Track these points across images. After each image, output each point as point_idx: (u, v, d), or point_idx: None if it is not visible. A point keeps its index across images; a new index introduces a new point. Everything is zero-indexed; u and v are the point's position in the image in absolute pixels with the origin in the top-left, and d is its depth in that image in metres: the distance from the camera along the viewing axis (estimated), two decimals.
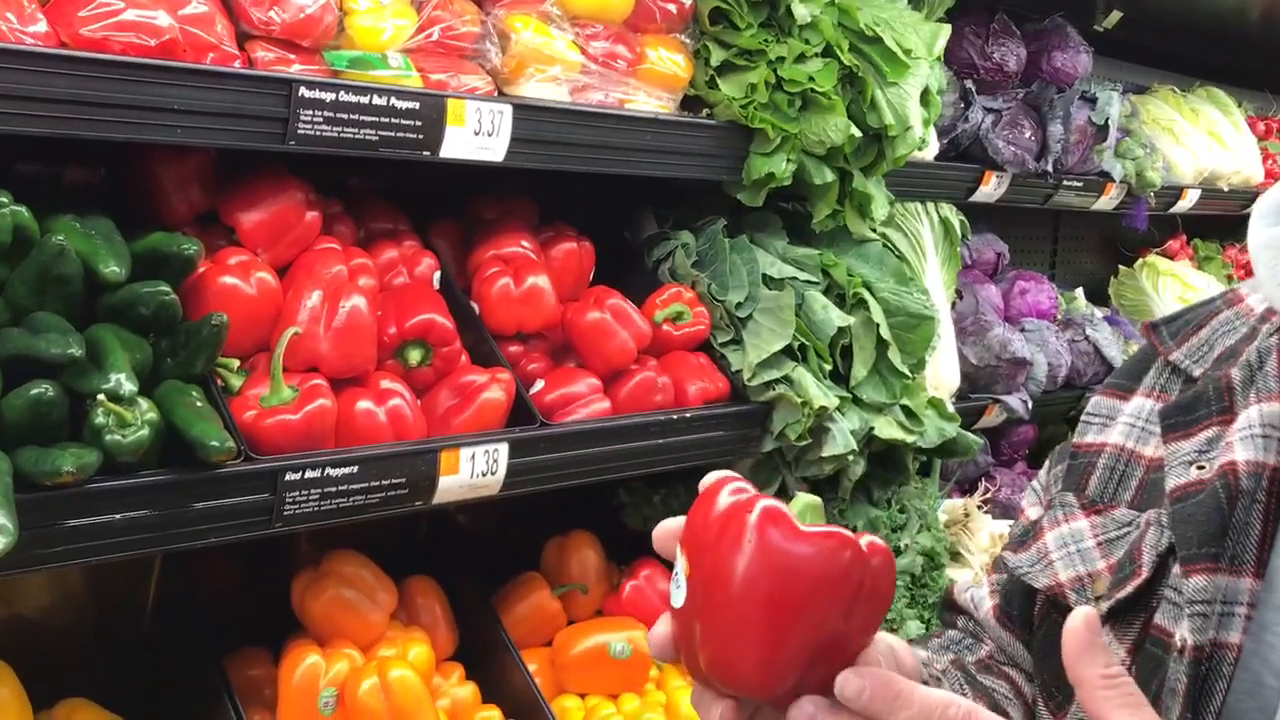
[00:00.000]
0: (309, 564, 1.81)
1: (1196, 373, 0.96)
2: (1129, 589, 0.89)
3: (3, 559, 1.19)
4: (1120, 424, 1.00)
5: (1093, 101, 2.86)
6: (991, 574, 1.09)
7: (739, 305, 2.12)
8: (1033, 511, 1.05)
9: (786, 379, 2.06)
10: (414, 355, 1.67)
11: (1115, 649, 0.89)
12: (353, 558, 1.79)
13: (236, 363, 1.56)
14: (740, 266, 2.18)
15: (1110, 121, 2.89)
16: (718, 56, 2.04)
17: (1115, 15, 3.11)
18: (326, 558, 1.78)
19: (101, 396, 1.31)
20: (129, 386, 1.33)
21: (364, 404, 1.58)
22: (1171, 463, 0.91)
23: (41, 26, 1.37)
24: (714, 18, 2.06)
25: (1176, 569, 0.85)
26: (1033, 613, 1.01)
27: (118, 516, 1.36)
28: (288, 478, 1.49)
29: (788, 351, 2.09)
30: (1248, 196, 3.52)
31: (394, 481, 1.57)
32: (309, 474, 1.50)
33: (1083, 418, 1.04)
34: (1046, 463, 1.08)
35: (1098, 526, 0.96)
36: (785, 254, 2.25)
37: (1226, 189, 3.41)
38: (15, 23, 1.36)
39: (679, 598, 0.73)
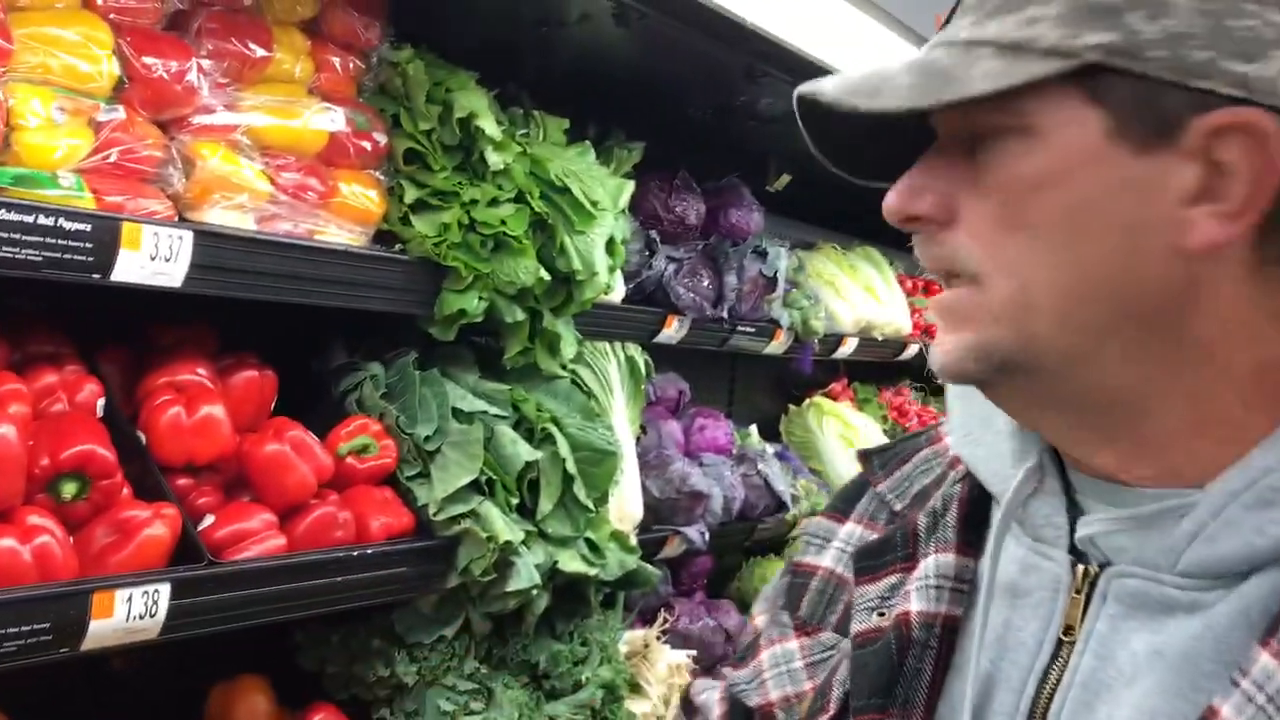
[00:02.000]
0: None
1: (898, 507, 1.00)
2: None
3: None
4: (833, 548, 1.03)
5: (764, 255, 3.11)
6: (724, 701, 1.10)
7: (428, 439, 2.13)
8: (760, 620, 1.08)
9: (474, 513, 2.07)
10: (69, 489, 1.57)
11: None
12: None
13: None
14: (430, 399, 2.19)
15: (779, 274, 3.15)
16: (412, 195, 2.08)
17: (784, 178, 3.41)
18: None
19: None
20: None
21: (5, 542, 1.45)
22: (858, 606, 0.94)
23: None
24: (409, 158, 2.11)
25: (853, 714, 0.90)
26: None
27: None
28: None
29: (475, 486, 2.10)
30: (899, 345, 3.90)
31: (36, 627, 1.45)
32: None
33: (804, 537, 1.08)
34: (776, 577, 1.10)
35: (806, 648, 1.00)
36: (476, 388, 2.29)
37: (880, 338, 3.77)
38: None
39: None
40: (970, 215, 0.80)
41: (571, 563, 2.26)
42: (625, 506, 2.68)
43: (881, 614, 0.92)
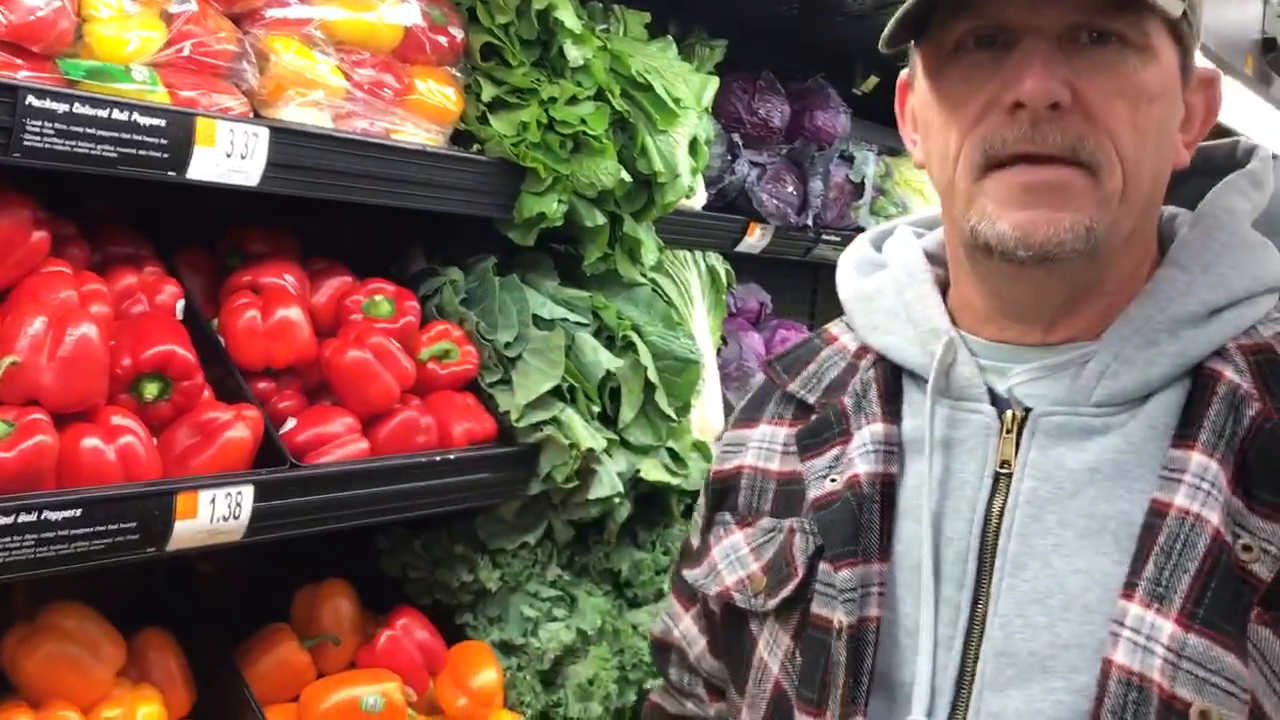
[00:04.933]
0: (23, 618, 1.64)
1: (811, 400, 1.16)
2: (789, 588, 1.07)
3: None
4: (750, 449, 1.20)
5: (850, 160, 2.99)
6: (688, 607, 1.28)
7: (508, 345, 2.09)
8: (695, 539, 1.26)
9: (555, 420, 2.04)
10: (151, 389, 1.55)
11: (780, 638, 1.08)
12: (74, 610, 1.63)
13: None
14: (510, 305, 2.15)
15: (866, 180, 3.04)
16: (489, 93, 2.02)
17: (873, 80, 3.28)
18: (44, 610, 1.62)
19: None
20: None
21: (90, 441, 1.45)
22: (809, 477, 1.11)
23: None
24: (486, 53, 2.04)
25: (825, 566, 1.05)
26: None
27: None
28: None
29: (556, 393, 2.06)
30: None
31: (123, 526, 1.45)
32: (23, 518, 1.36)
33: (720, 450, 1.25)
34: (700, 498, 1.27)
35: (749, 536, 1.15)
36: (556, 295, 2.24)
37: None
38: None
39: None
40: (1104, 112, 0.95)
41: (653, 471, 2.21)
42: (707, 417, 2.62)
43: (833, 480, 1.08)
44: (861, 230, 3.12)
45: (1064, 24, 0.95)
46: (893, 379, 1.11)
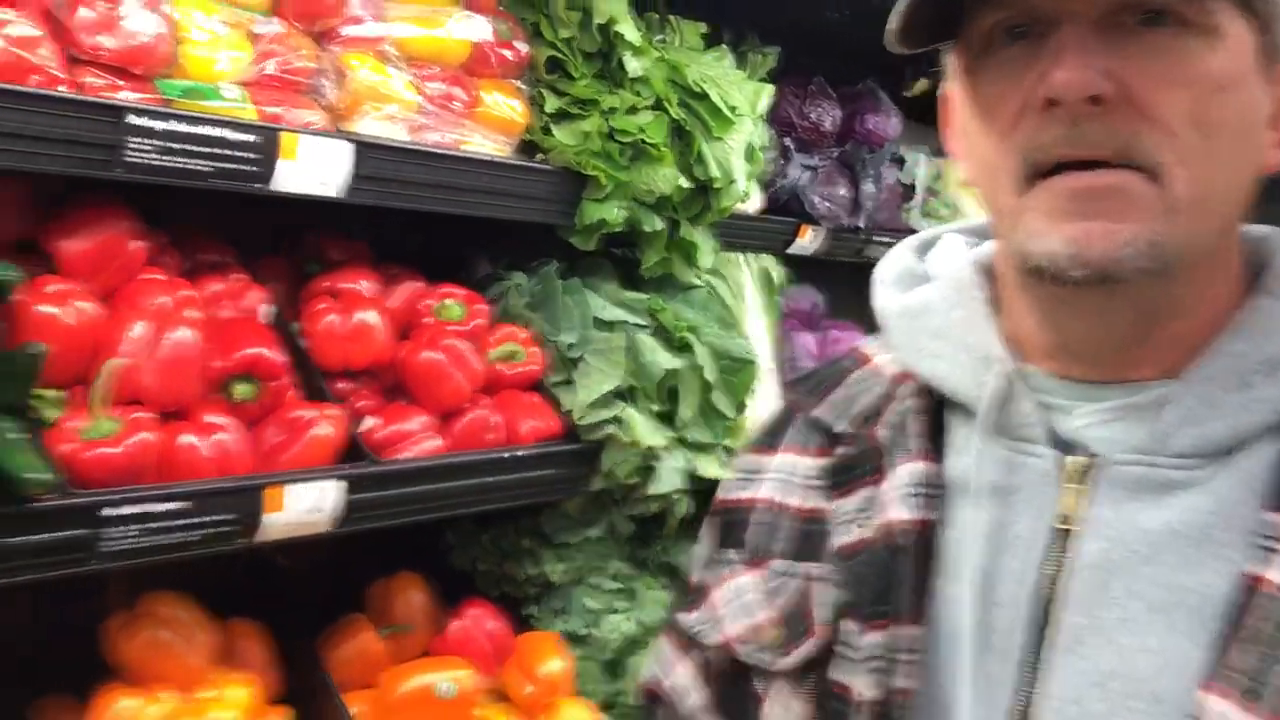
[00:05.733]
0: (123, 606, 1.74)
1: (839, 428, 1.00)
2: (806, 648, 0.93)
3: None
4: (768, 479, 1.03)
5: (901, 162, 3.04)
6: (682, 654, 1.07)
7: (571, 346, 2.17)
8: (695, 574, 1.08)
9: (616, 419, 2.11)
10: (241, 389, 1.65)
11: (792, 703, 0.94)
12: (171, 598, 1.73)
13: (54, 394, 1.50)
14: (573, 308, 2.23)
15: (917, 182, 3.08)
16: (553, 104, 2.10)
17: (923, 82, 3.32)
18: (142, 599, 1.72)
19: None
20: None
21: (188, 438, 1.54)
22: (836, 520, 0.95)
23: None
24: (550, 66, 2.12)
25: (849, 625, 0.90)
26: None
27: None
28: (107, 512, 1.44)
29: (618, 392, 2.14)
30: None
31: (220, 518, 1.54)
32: (130, 509, 1.46)
33: (734, 476, 1.08)
34: (704, 529, 1.09)
35: (759, 580, 0.99)
36: (615, 298, 2.31)
37: None
38: None
39: None
40: (1158, 104, 0.79)
41: (711, 468, 2.28)
42: (762, 416, 2.68)
43: (862, 525, 0.94)
44: (913, 232, 3.18)
45: (1105, 5, 0.80)
46: (936, 411, 0.96)
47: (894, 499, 0.92)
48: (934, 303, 0.98)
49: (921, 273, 1.03)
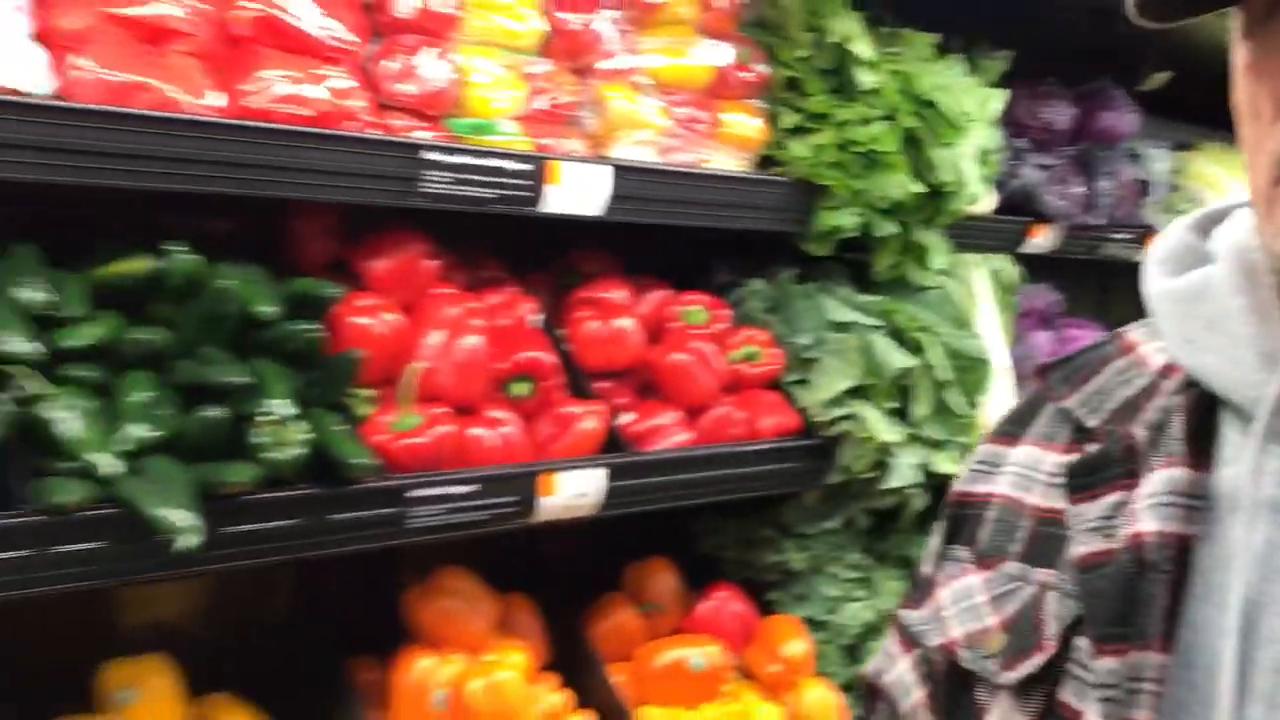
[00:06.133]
0: (414, 580, 1.99)
1: (1091, 423, 0.90)
2: (1035, 661, 0.85)
3: (185, 557, 1.39)
4: (1008, 473, 0.95)
5: (1137, 158, 3.01)
6: (906, 650, 1.00)
7: (807, 347, 2.30)
8: (925, 567, 1.01)
9: (852, 416, 2.23)
10: (520, 388, 1.86)
11: (1013, 718, 0.86)
12: (459, 573, 1.97)
13: (367, 393, 1.76)
14: (808, 312, 2.36)
15: (1155, 177, 3.04)
16: (789, 120, 2.24)
17: (1161, 76, 3.26)
18: (435, 573, 1.96)
19: (264, 418, 1.51)
20: (288, 410, 1.52)
21: (478, 430, 1.77)
22: (1076, 527, 0.86)
23: (211, 99, 1.59)
24: (786, 85, 2.26)
25: (1082, 643, 0.82)
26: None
27: (272, 524, 1.56)
28: (413, 494, 1.68)
29: (853, 390, 2.25)
30: None
31: (504, 499, 1.76)
32: (432, 491, 1.69)
33: (971, 466, 0.99)
34: (938, 520, 1.03)
35: (988, 582, 0.91)
36: (850, 300, 2.42)
37: None
38: (189, 95, 1.57)
39: None
40: None
41: (946, 465, 2.36)
42: (997, 414, 2.73)
43: (1107, 535, 0.83)
44: (1150, 228, 3.14)
45: None
46: (1207, 411, 0.84)
47: (1146, 508, 0.81)
48: (1212, 287, 0.85)
49: (1201, 252, 0.90)
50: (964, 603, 0.92)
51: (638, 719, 2.03)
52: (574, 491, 1.86)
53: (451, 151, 1.74)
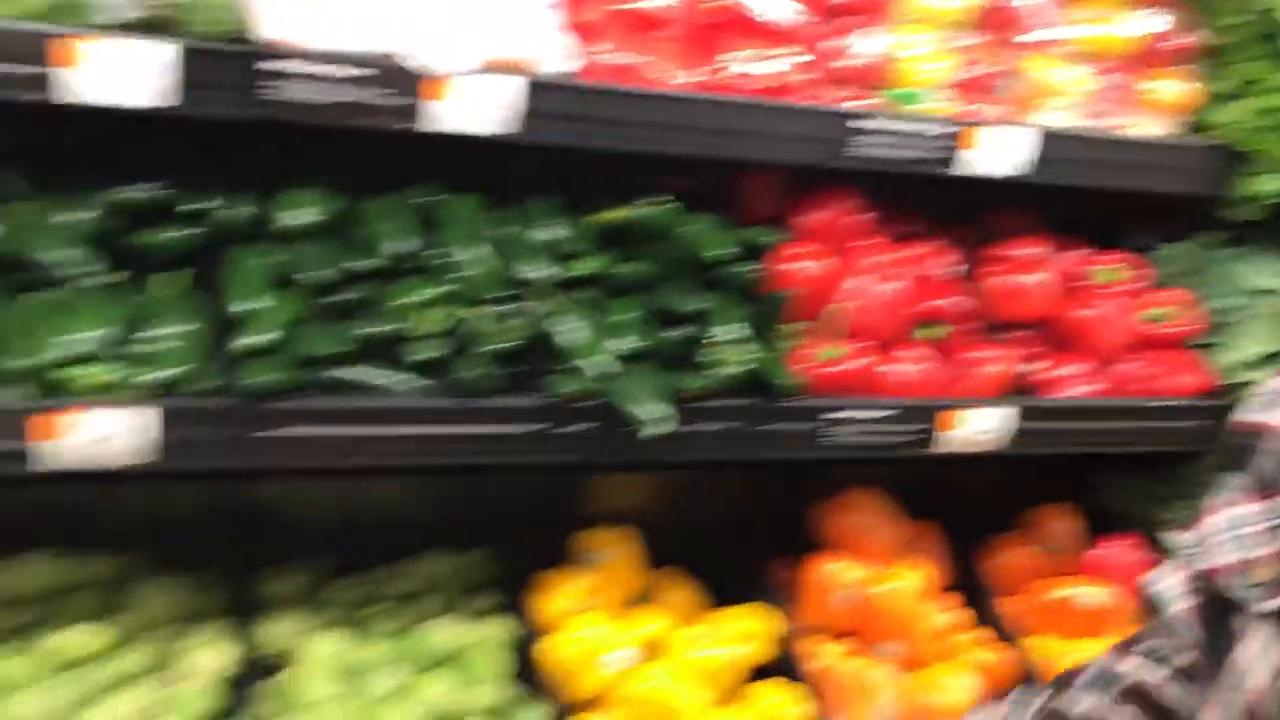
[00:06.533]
0: (829, 496, 2.27)
1: None
2: None
3: (649, 444, 1.75)
4: None
5: None
6: (1177, 566, 1.03)
7: (1222, 312, 2.32)
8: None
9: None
10: (931, 331, 2.08)
11: (1271, 645, 0.87)
12: (867, 493, 2.23)
13: (798, 325, 2.04)
14: (1224, 277, 2.37)
15: None
16: (1219, 87, 2.26)
17: None
18: (846, 491, 2.23)
19: (714, 340, 1.84)
20: (733, 335, 1.85)
21: (889, 365, 2.01)
22: None
23: (683, 76, 1.91)
24: (1216, 51, 2.28)
25: None
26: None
27: (713, 427, 1.88)
28: (825, 416, 1.94)
29: (1270, 356, 2.25)
30: None
31: (911, 427, 1.99)
32: (843, 414, 1.95)
33: (1254, 398, 1.00)
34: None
35: (1265, 511, 0.91)
36: (1271, 268, 2.39)
37: None
38: (659, 73, 1.90)
39: None
40: None
41: None
42: None
43: None
44: None
45: None
46: None
47: None
48: None
49: None
50: (1236, 530, 0.93)
51: (1026, 646, 2.19)
52: (977, 428, 2.05)
53: (874, 117, 1.97)
